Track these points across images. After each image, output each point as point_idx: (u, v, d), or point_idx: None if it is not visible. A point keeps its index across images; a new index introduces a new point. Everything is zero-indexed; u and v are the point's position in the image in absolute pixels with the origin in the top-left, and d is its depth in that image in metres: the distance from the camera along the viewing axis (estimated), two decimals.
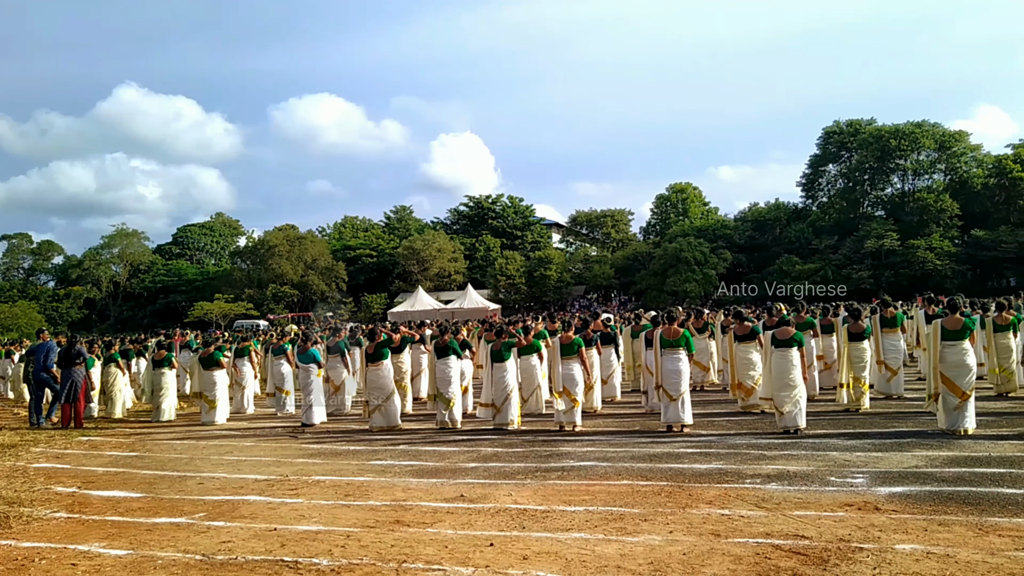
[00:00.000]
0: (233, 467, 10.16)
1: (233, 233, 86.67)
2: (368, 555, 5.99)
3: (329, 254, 66.13)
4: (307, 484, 8.82)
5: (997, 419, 10.72)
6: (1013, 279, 51.00)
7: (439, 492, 8.10)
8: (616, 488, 7.84)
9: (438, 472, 9.14)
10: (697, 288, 54.19)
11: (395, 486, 8.49)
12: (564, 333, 12.15)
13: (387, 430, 12.64)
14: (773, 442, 9.98)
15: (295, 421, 14.24)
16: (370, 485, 8.61)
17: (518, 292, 59.89)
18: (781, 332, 10.86)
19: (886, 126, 57.44)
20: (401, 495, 8.03)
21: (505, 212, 71.48)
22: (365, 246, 69.72)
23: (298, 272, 62.79)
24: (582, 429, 11.64)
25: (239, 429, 13.98)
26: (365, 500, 7.90)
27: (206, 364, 15.01)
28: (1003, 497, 6.80)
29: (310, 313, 57.32)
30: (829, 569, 5.20)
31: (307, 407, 13.78)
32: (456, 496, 7.85)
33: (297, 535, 6.67)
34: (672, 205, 70.86)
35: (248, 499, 8.18)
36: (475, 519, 6.94)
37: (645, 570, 5.36)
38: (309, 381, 13.85)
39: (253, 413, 16.28)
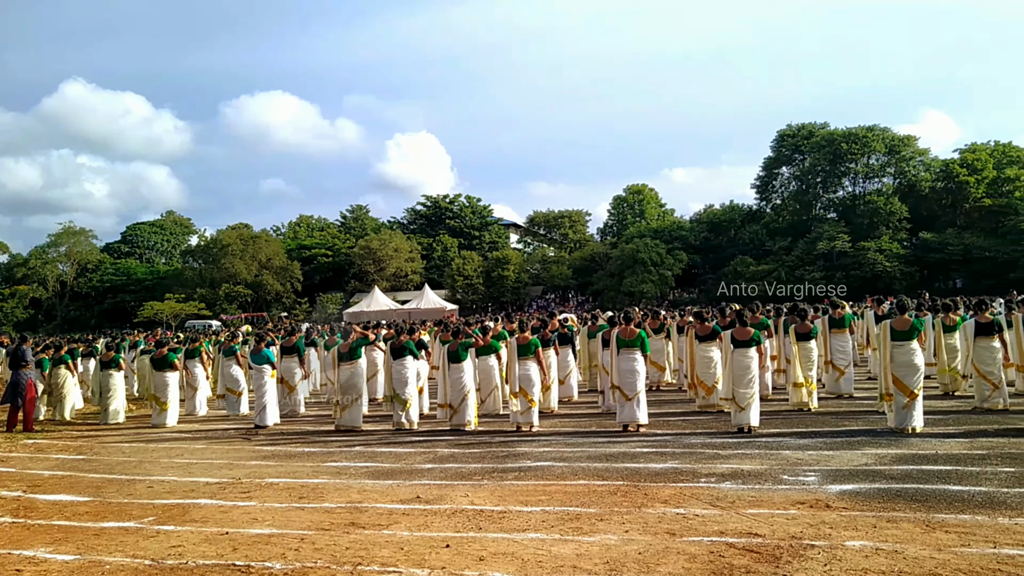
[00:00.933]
0: (184, 470, 9.97)
1: (184, 232, 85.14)
2: (322, 558, 5.92)
3: (284, 253, 65.37)
4: (260, 487, 8.69)
5: (944, 418, 10.97)
6: (959, 281, 52.34)
7: (395, 493, 8.04)
8: (572, 488, 7.86)
9: (394, 473, 9.07)
10: (653, 289, 54.67)
11: (351, 488, 8.41)
12: (520, 334, 12.15)
13: (347, 431, 12.52)
14: (727, 441, 10.10)
15: (248, 423, 14.03)
16: (325, 487, 8.51)
17: (476, 292, 59.83)
18: (740, 332, 10.99)
19: (838, 130, 58.54)
20: (357, 497, 7.96)
21: (463, 212, 71.33)
22: (321, 246, 69.05)
23: (252, 272, 61.94)
24: (539, 429, 11.65)
25: (190, 431, 13.73)
26: (320, 502, 7.81)
27: (158, 366, 14.71)
28: (950, 494, 6.95)
29: (264, 313, 56.58)
30: (781, 566, 5.27)
31: (260, 408, 13.57)
32: (412, 497, 7.80)
33: (249, 539, 6.56)
34: (629, 206, 71.45)
35: (199, 502, 8.04)
36: (431, 520, 6.90)
37: (601, 570, 5.37)
38: (263, 382, 13.65)
39: (205, 415, 16.01)
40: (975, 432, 9.89)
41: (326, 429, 13.03)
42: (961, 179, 54.06)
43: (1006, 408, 11.44)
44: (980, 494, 6.89)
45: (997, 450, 8.72)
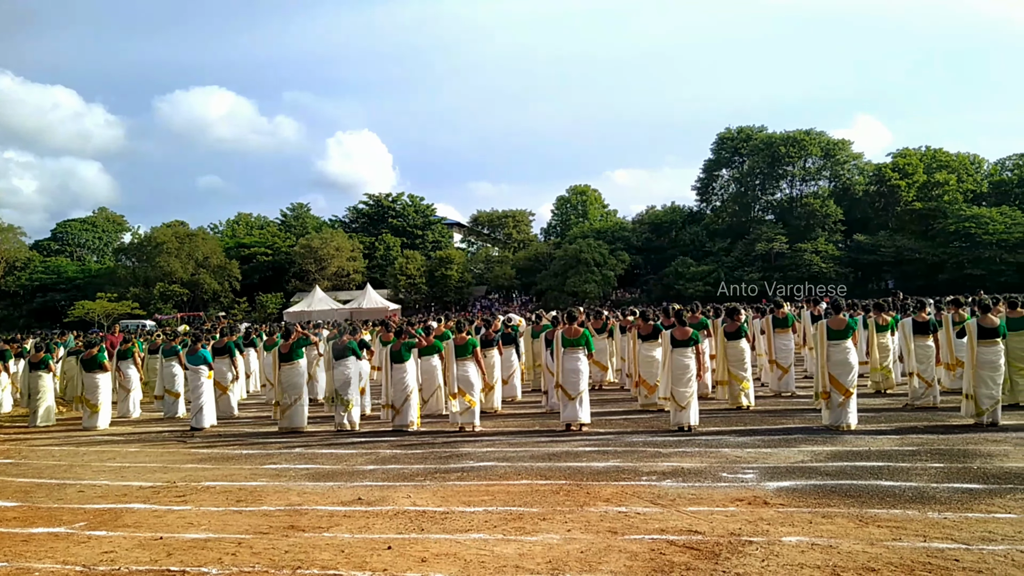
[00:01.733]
0: (116, 474, 9.69)
1: (117, 229, 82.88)
2: (260, 562, 5.80)
3: (221, 252, 64.06)
4: (196, 490, 8.49)
5: (876, 415, 11.26)
6: (891, 281, 53.97)
7: (336, 495, 7.93)
8: (515, 488, 7.85)
9: (335, 475, 8.95)
10: (596, 289, 55.09)
11: (290, 490, 8.27)
12: (458, 334, 12.11)
13: (288, 432, 12.33)
14: (668, 439, 10.21)
15: (183, 425, 13.71)
16: (263, 490, 8.36)
17: (419, 292, 59.52)
18: (679, 332, 11.13)
19: (776, 133, 59.81)
20: (296, 499, 7.83)
21: (405, 211, 70.85)
22: (260, 244, 67.86)
23: (188, 270, 60.56)
24: (482, 429, 11.62)
25: (123, 434, 13.36)
26: (258, 505, 7.66)
27: (88, 367, 14.28)
28: (882, 489, 7.13)
29: (201, 313, 55.38)
30: (720, 563, 5.33)
31: (197, 410, 13.29)
32: (353, 499, 7.71)
33: (185, 543, 6.40)
34: (572, 207, 71.93)
35: (132, 507, 7.82)
36: (373, 522, 6.82)
37: (543, 569, 5.37)
38: (199, 383, 13.38)
39: (139, 417, 15.59)
40: (906, 429, 10.18)
41: (265, 431, 12.81)
42: (893, 183, 55.76)
43: (935, 405, 11.80)
44: (911, 489, 7.08)
45: (927, 446, 8.98)
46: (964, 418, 10.43)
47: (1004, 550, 5.30)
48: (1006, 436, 9.37)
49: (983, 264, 49.47)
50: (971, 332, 10.41)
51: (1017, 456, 8.24)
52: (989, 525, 5.89)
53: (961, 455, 8.43)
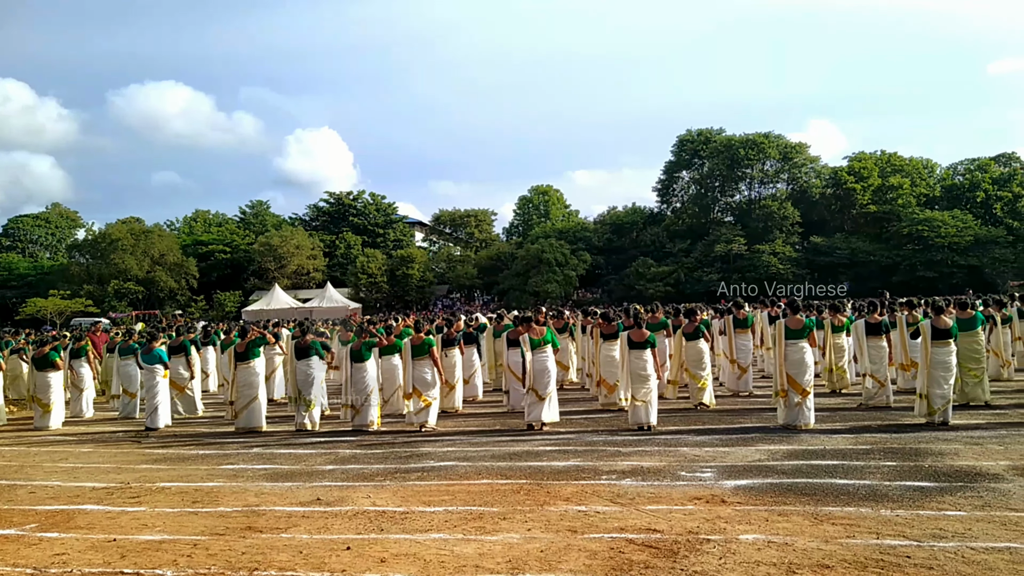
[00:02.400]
0: (69, 474, 9.49)
1: (71, 225, 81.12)
2: (217, 564, 5.73)
3: (178, 249, 62.96)
4: (151, 491, 8.35)
5: (831, 415, 11.44)
6: (847, 283, 54.90)
7: (294, 496, 7.85)
8: (476, 487, 7.84)
9: (293, 475, 8.87)
10: (558, 289, 55.22)
11: (247, 491, 8.17)
12: (416, 334, 12.07)
13: (246, 432, 12.18)
14: (628, 439, 10.27)
15: (138, 425, 13.48)
16: (220, 491, 8.24)
17: (380, 291, 59.15)
18: (636, 334, 11.20)
19: (735, 136, 60.47)
20: (253, 500, 7.73)
21: (367, 209, 70.30)
22: (218, 242, 66.83)
23: (144, 268, 59.42)
24: (443, 429, 11.60)
25: (76, 434, 13.10)
26: (214, 506, 7.56)
27: (40, 365, 13.97)
28: (836, 487, 7.25)
29: (157, 311, 54.45)
30: (679, 561, 5.38)
31: (151, 410, 13.07)
32: (312, 499, 7.64)
33: (139, 545, 6.29)
34: (534, 207, 72.06)
35: (85, 508, 7.67)
36: (332, 523, 6.76)
37: (503, 568, 5.37)
38: (154, 383, 13.16)
39: (92, 417, 15.28)
40: (860, 428, 10.37)
41: (222, 431, 12.65)
42: (849, 186, 56.74)
43: (889, 405, 12.03)
44: (864, 487, 7.21)
45: (880, 445, 9.15)
46: (916, 417, 10.64)
47: (954, 547, 5.42)
48: (956, 435, 9.59)
49: (935, 267, 50.56)
50: (925, 333, 10.63)
51: (967, 455, 8.44)
52: (940, 522, 6.02)
53: (913, 454, 8.60)
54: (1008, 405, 11.73)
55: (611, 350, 12.65)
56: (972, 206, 56.42)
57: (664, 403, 12.23)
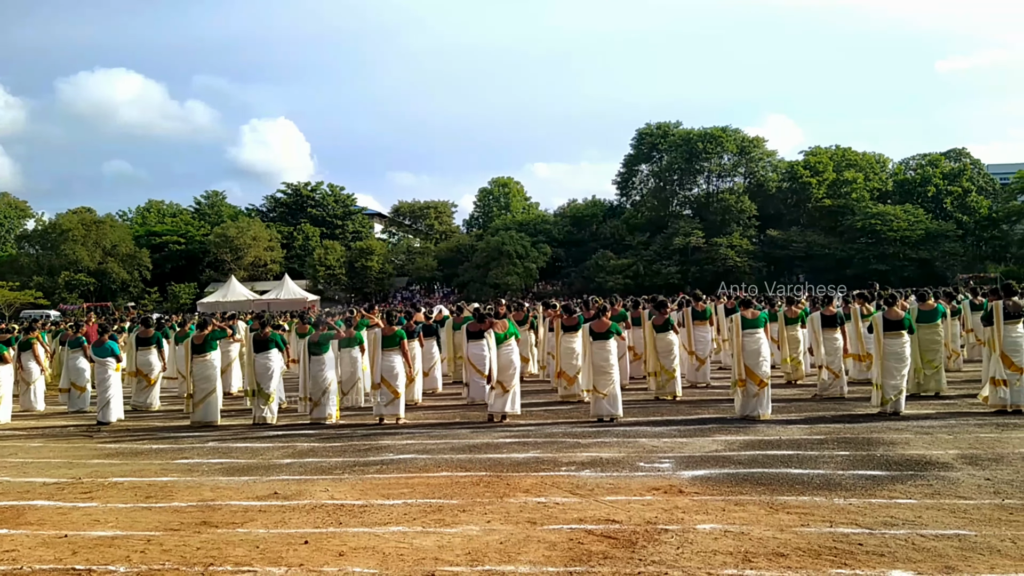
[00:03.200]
0: (18, 470, 9.27)
1: (20, 215, 78.79)
2: (171, 559, 5.63)
3: (131, 240, 61.81)
4: (103, 486, 8.18)
5: (787, 405, 11.62)
6: (802, 275, 55.75)
7: (251, 490, 7.75)
8: (435, 480, 7.82)
9: (250, 469, 8.76)
10: (518, 281, 55.30)
11: (202, 485, 8.05)
12: (386, 326, 11.99)
13: (201, 426, 12.01)
14: (587, 430, 10.32)
15: (90, 419, 13.21)
16: (174, 485, 8.11)
17: (338, 283, 58.70)
18: (598, 325, 11.25)
19: (693, 130, 60.96)
20: (209, 495, 7.62)
21: (325, 200, 69.64)
22: (172, 232, 65.71)
23: (95, 259, 58.23)
24: (404, 422, 11.54)
25: (25, 429, 12.79)
26: (169, 501, 7.43)
27: None
28: (791, 477, 7.37)
29: (109, 303, 53.39)
30: (637, 551, 5.41)
31: (103, 404, 12.81)
32: (269, 494, 7.55)
33: (91, 541, 6.16)
34: (495, 199, 71.98)
35: (35, 504, 7.49)
36: (289, 517, 6.69)
37: (463, 561, 5.36)
38: (106, 376, 12.91)
39: (42, 411, 14.93)
40: (815, 419, 10.54)
41: (176, 425, 12.45)
42: (804, 180, 57.58)
43: (843, 396, 12.25)
44: (819, 476, 7.33)
45: (834, 435, 9.31)
46: (870, 407, 10.86)
47: (905, 534, 5.53)
48: (908, 425, 9.79)
49: (887, 260, 51.62)
50: (877, 325, 10.83)
51: (917, 444, 8.62)
52: (891, 510, 6.14)
53: (866, 443, 8.76)
54: (957, 395, 12.00)
55: (571, 342, 12.69)
56: (923, 201, 57.63)
57: (623, 395, 12.28)
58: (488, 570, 5.17)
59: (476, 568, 5.22)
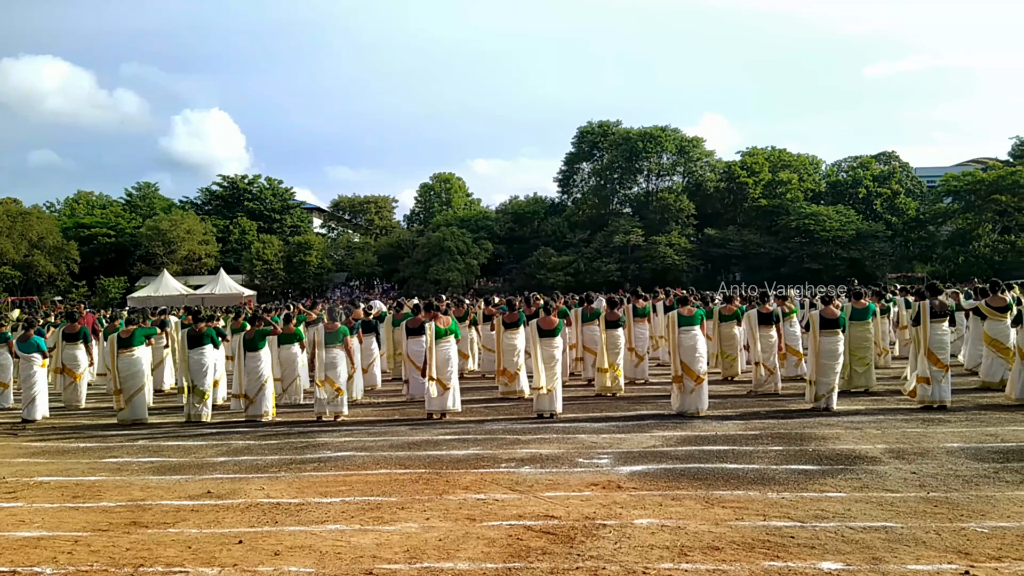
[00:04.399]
0: None
1: None
2: (99, 561, 5.46)
3: (59, 232, 59.70)
4: (28, 486, 7.91)
5: (723, 401, 11.82)
6: (739, 274, 56.85)
7: (183, 489, 7.57)
8: (374, 478, 7.75)
9: (182, 468, 8.55)
10: (459, 277, 55.14)
11: (132, 485, 7.83)
12: (329, 322, 11.83)
13: (131, 424, 11.68)
14: (527, 427, 10.34)
15: (13, 417, 12.75)
16: (103, 485, 7.88)
17: (276, 278, 57.71)
18: (545, 322, 11.27)
19: (633, 129, 61.56)
20: (139, 494, 7.42)
21: (262, 194, 68.29)
22: (102, 225, 63.67)
23: (20, 251, 56.08)
24: (344, 419, 11.41)
25: None
26: (97, 501, 7.22)
27: None
28: (727, 472, 7.50)
29: (35, 297, 51.58)
30: (575, 546, 5.45)
31: (28, 401, 12.38)
32: (202, 493, 7.38)
33: (15, 542, 5.94)
34: (436, 194, 71.60)
35: None
36: (223, 516, 6.55)
37: (401, 558, 5.32)
38: (32, 372, 12.46)
39: None
40: (750, 414, 10.75)
41: (105, 423, 12.10)
42: (741, 180, 58.64)
43: (777, 392, 12.52)
44: (753, 471, 7.48)
45: (768, 431, 9.51)
46: (802, 403, 11.12)
47: (835, 527, 5.68)
48: (839, 420, 10.05)
49: (820, 259, 52.90)
50: (814, 323, 11.09)
51: (848, 439, 8.85)
52: (822, 504, 6.29)
53: (798, 439, 8.97)
54: (886, 392, 12.37)
55: (513, 339, 12.71)
56: (855, 202, 59.22)
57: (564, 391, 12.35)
58: (427, 567, 5.14)
59: (415, 566, 5.19)
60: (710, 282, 51.30)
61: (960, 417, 10.03)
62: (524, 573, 4.99)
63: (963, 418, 9.97)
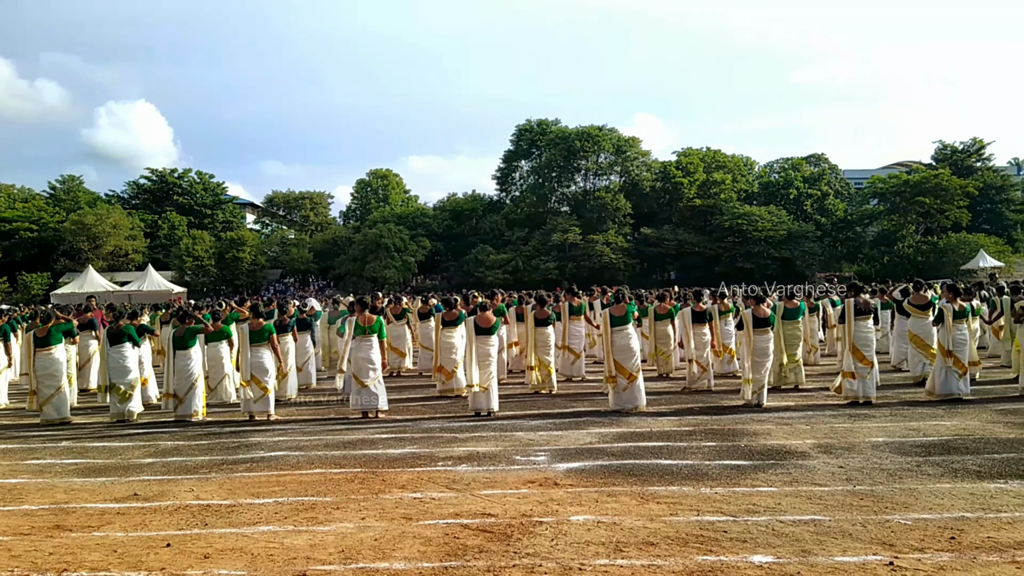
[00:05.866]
0: None
1: None
2: (21, 565, 5.26)
3: None
4: None
5: (658, 398, 11.97)
6: (674, 272, 57.80)
7: (108, 492, 7.34)
8: (308, 477, 7.63)
9: (108, 470, 8.30)
10: (397, 274, 54.81)
11: (55, 487, 7.56)
12: (253, 319, 11.60)
13: (54, 424, 11.28)
14: (465, 424, 10.32)
15: None
16: (24, 487, 7.59)
17: (207, 275, 56.48)
18: (482, 319, 11.24)
19: (571, 128, 61.99)
20: (63, 497, 7.17)
21: (193, 188, 66.66)
22: (24, 219, 61.26)
23: None
24: (275, 418, 11.21)
25: None
26: (18, 504, 6.95)
27: None
28: (661, 468, 7.59)
29: None
30: (512, 544, 5.45)
31: None
32: (129, 495, 7.17)
33: None
34: (373, 191, 71.01)
35: None
36: (151, 519, 6.37)
37: (335, 559, 5.25)
38: None
39: None
40: (684, 411, 10.91)
41: (26, 423, 11.66)
42: (677, 180, 59.59)
43: (710, 389, 12.73)
44: (687, 467, 7.59)
45: (702, 426, 9.66)
46: (735, 399, 11.34)
47: (766, 521, 5.79)
48: (770, 416, 10.27)
49: (753, 258, 54.14)
50: (747, 321, 11.30)
51: (778, 434, 9.05)
52: (753, 498, 6.42)
53: (731, 434, 9.13)
54: (815, 388, 12.68)
55: (449, 337, 12.65)
56: (786, 202, 60.75)
57: (500, 388, 12.36)
58: (362, 567, 5.08)
59: (350, 566, 5.12)
60: (646, 280, 52.07)
61: (885, 413, 10.35)
62: (461, 572, 4.97)
63: (887, 413, 10.29)
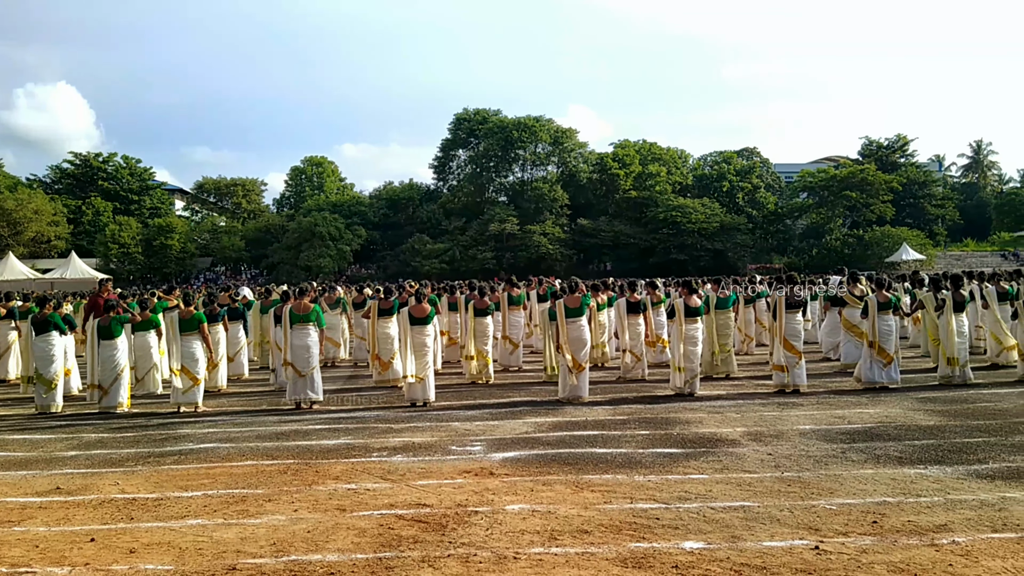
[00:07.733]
0: None
1: None
2: None
3: None
4: None
5: (592, 387, 12.02)
6: (610, 263, 58.40)
7: (30, 485, 7.09)
8: (239, 470, 7.48)
9: (29, 463, 8.01)
10: (331, 263, 54.16)
11: None
12: (184, 308, 11.32)
13: None
14: (400, 415, 10.25)
15: None
16: None
17: (134, 262, 54.94)
18: (417, 310, 11.16)
19: (509, 118, 62.00)
20: None
21: (119, 173, 64.68)
22: None
23: None
24: (205, 409, 10.97)
25: None
26: None
27: None
28: (596, 456, 7.66)
29: None
30: (447, 534, 5.43)
31: None
32: (51, 489, 6.93)
33: None
34: (307, 178, 69.97)
35: None
36: (74, 513, 6.17)
37: (267, 552, 5.16)
38: None
39: None
40: (618, 400, 11.03)
41: None
42: (613, 172, 60.17)
43: (644, 378, 12.90)
44: (621, 455, 7.67)
45: (636, 415, 9.78)
46: (668, 389, 11.50)
47: (697, 508, 5.89)
48: (702, 405, 10.45)
49: (687, 250, 55.02)
50: (679, 311, 11.46)
51: (710, 423, 9.22)
52: (685, 486, 6.52)
53: (664, 423, 9.27)
54: (746, 377, 12.96)
55: (387, 326, 12.55)
56: (719, 195, 61.88)
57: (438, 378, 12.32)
58: (294, 560, 5.00)
59: (281, 559, 5.04)
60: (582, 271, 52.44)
61: (812, 401, 10.63)
62: (395, 562, 4.94)
63: (815, 402, 10.57)
